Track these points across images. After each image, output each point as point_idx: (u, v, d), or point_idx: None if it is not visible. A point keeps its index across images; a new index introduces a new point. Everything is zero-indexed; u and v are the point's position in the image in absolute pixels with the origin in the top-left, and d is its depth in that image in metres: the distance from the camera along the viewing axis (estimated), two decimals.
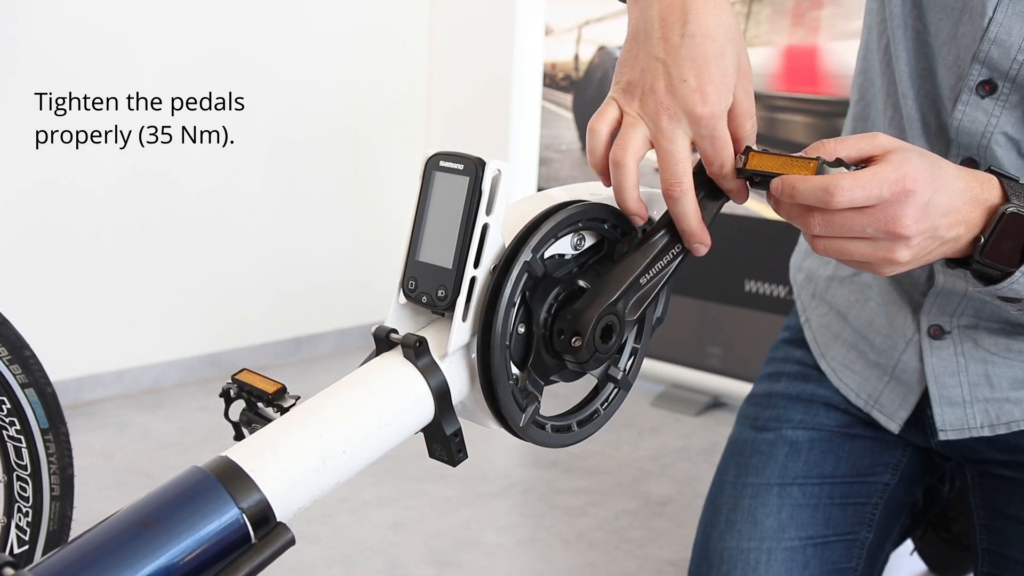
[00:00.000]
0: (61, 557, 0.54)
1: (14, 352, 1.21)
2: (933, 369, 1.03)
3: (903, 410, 1.07)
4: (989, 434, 1.02)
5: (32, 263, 2.57)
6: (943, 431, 1.03)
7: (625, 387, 0.76)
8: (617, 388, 0.75)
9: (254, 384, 0.69)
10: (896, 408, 1.07)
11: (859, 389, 1.11)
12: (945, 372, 1.02)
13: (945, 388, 1.03)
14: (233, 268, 3.04)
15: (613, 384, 0.75)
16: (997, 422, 1.01)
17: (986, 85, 0.89)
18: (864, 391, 1.10)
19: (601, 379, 0.75)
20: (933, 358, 1.03)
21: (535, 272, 0.68)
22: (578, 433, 0.74)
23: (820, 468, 1.11)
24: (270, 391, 0.68)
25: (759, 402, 1.18)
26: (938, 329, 1.02)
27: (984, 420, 1.01)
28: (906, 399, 1.06)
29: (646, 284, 0.71)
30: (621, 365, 0.76)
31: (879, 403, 1.09)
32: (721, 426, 2.72)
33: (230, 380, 0.70)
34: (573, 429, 0.73)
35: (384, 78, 3.39)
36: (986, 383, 1.01)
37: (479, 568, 1.90)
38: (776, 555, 1.07)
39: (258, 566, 0.58)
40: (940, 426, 1.03)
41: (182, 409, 2.73)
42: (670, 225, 0.72)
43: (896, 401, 1.07)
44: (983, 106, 0.90)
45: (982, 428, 1.02)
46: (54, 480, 1.26)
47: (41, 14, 2.50)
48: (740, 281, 2.75)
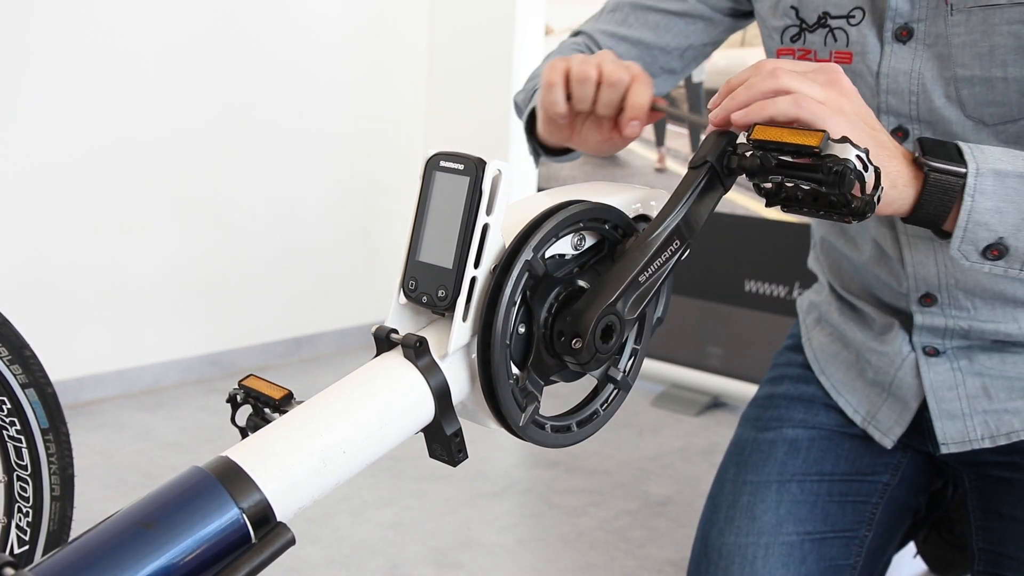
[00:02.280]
0: (61, 557, 0.54)
1: (14, 352, 1.21)
2: (931, 384, 1.05)
3: (898, 427, 1.09)
4: (990, 445, 1.04)
5: (32, 263, 2.57)
6: (945, 444, 1.05)
7: (625, 388, 0.76)
8: (617, 389, 0.75)
9: (261, 390, 0.69)
10: (891, 425, 1.10)
11: (857, 406, 1.13)
12: (943, 386, 1.05)
13: (944, 402, 1.05)
14: (233, 268, 3.04)
15: (613, 385, 0.75)
16: (997, 433, 1.03)
17: (899, 132, 0.96)
18: (863, 408, 1.13)
19: (601, 380, 0.75)
20: (931, 373, 1.05)
21: (536, 271, 0.68)
22: (577, 433, 0.74)
23: (819, 465, 1.12)
24: (277, 397, 0.68)
25: (761, 404, 1.20)
26: (933, 349, 1.05)
27: (984, 432, 1.04)
28: (902, 416, 1.09)
29: (645, 282, 0.71)
30: (621, 366, 0.76)
31: (876, 419, 1.11)
32: (721, 426, 2.72)
33: (237, 386, 0.70)
34: (572, 429, 0.73)
35: (384, 78, 3.40)
36: (984, 395, 1.03)
37: (479, 568, 1.90)
38: (773, 549, 1.08)
39: (258, 566, 0.57)
40: (942, 440, 1.05)
41: (182, 409, 2.74)
42: (668, 222, 0.72)
43: (892, 418, 1.10)
44: None
45: (983, 440, 1.04)
46: (54, 480, 1.26)
47: (45, 18, 2.50)
48: (740, 281, 2.75)
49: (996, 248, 0.79)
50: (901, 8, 0.93)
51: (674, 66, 1.15)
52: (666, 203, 0.73)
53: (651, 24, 1.12)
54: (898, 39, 0.94)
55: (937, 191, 0.76)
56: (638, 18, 1.12)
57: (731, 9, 1.12)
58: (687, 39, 1.13)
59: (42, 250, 2.59)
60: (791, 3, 1.01)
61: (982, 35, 0.89)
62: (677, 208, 0.72)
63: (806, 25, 1.00)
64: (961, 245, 0.79)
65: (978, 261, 0.80)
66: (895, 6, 0.93)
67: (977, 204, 0.77)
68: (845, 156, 0.68)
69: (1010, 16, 0.87)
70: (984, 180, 0.77)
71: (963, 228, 0.78)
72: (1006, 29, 0.88)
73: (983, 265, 0.80)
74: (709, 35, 1.14)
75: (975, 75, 0.91)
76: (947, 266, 1.01)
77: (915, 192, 0.77)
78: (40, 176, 2.56)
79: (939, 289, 1.02)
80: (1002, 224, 0.77)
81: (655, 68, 1.14)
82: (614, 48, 1.12)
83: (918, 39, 0.93)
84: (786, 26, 1.02)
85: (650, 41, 1.12)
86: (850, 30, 0.97)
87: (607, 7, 1.16)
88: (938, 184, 0.76)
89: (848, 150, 0.68)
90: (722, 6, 1.12)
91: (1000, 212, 0.77)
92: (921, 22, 0.93)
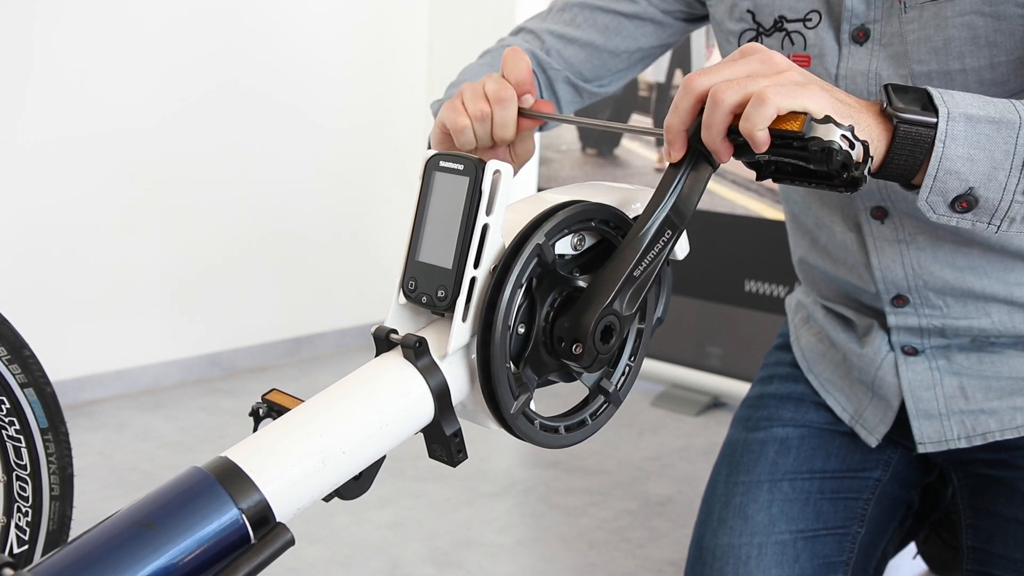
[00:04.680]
0: (61, 557, 0.54)
1: (14, 352, 1.21)
2: (909, 383, 1.06)
3: (883, 425, 1.10)
4: (966, 445, 1.04)
5: (32, 263, 2.57)
6: (922, 444, 1.07)
7: (615, 403, 0.75)
8: (607, 403, 0.75)
9: (284, 404, 0.68)
10: (876, 423, 1.11)
11: (846, 404, 1.14)
12: (920, 386, 1.06)
13: (921, 402, 1.06)
14: (233, 268, 3.04)
15: (604, 397, 0.75)
16: (973, 433, 1.04)
17: None
18: (850, 406, 1.14)
19: (593, 390, 0.75)
20: (908, 373, 1.06)
21: (546, 258, 0.68)
22: (565, 437, 0.73)
23: (810, 463, 1.13)
24: None
25: (752, 404, 1.21)
26: (912, 348, 1.06)
27: (960, 432, 1.04)
28: (886, 415, 1.10)
29: (640, 276, 0.71)
30: (614, 379, 0.75)
31: (863, 418, 1.12)
32: (721, 426, 2.72)
33: (260, 400, 0.70)
34: (560, 432, 0.73)
35: (384, 78, 3.40)
36: (961, 395, 1.04)
37: (479, 568, 1.90)
38: (767, 549, 1.08)
39: (258, 566, 0.58)
40: (919, 439, 1.07)
41: (182, 409, 2.73)
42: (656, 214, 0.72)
43: (877, 416, 1.11)
44: None
45: (959, 440, 1.05)
46: (54, 480, 1.25)
47: (45, 18, 2.50)
48: (740, 281, 2.75)
49: (965, 199, 0.76)
50: (857, 9, 0.93)
51: (621, 68, 1.13)
52: (653, 194, 0.73)
53: (600, 26, 1.10)
54: (855, 40, 0.94)
55: (908, 143, 0.73)
56: (587, 19, 1.10)
57: (684, 13, 1.11)
58: (636, 42, 1.11)
59: (42, 250, 2.59)
60: (747, 7, 1.01)
61: (936, 29, 0.89)
62: (664, 199, 0.72)
63: (763, 29, 1.00)
64: (929, 196, 0.76)
65: (945, 213, 0.77)
66: (851, 7, 0.93)
67: (948, 150, 0.74)
68: (830, 138, 0.67)
69: (961, 8, 0.87)
70: (955, 125, 0.74)
71: (932, 177, 0.74)
72: (959, 21, 0.88)
73: (951, 218, 0.77)
74: (659, 38, 1.12)
75: (932, 70, 0.90)
76: (914, 268, 1.01)
77: (884, 146, 0.74)
78: (40, 176, 2.56)
79: (909, 290, 1.03)
80: (973, 173, 0.74)
81: (603, 71, 1.12)
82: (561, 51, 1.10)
83: (874, 39, 0.93)
84: (743, 30, 1.02)
85: (599, 44, 1.10)
86: (807, 33, 0.97)
87: (555, 5, 1.13)
88: (908, 136, 0.73)
89: (832, 131, 0.67)
90: (674, 10, 1.10)
91: (971, 160, 0.74)
92: (877, 22, 0.93)
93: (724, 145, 0.71)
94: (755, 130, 0.68)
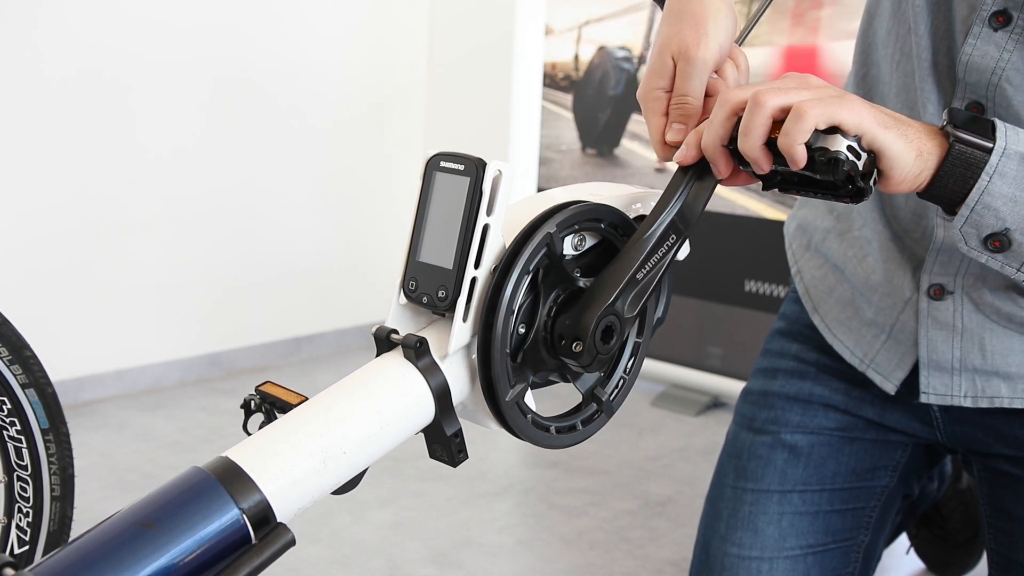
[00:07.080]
0: (61, 557, 0.54)
1: (14, 352, 1.21)
2: (927, 331, 0.99)
3: (900, 370, 1.03)
4: (971, 405, 0.99)
5: (32, 263, 2.57)
6: (925, 394, 1.00)
7: (608, 412, 0.75)
8: (599, 411, 0.75)
9: (277, 396, 0.68)
10: (893, 368, 1.04)
11: (854, 347, 1.07)
12: (939, 336, 0.99)
13: (936, 352, 0.99)
14: (233, 268, 3.04)
15: (596, 405, 0.75)
16: (981, 395, 0.98)
17: (1000, 16, 0.84)
18: (859, 349, 1.07)
19: (586, 396, 0.75)
20: (929, 320, 0.99)
21: (555, 249, 0.68)
22: (555, 438, 0.73)
23: (820, 474, 1.10)
24: (294, 403, 0.68)
25: (755, 400, 1.16)
26: (939, 289, 0.98)
27: (968, 390, 0.99)
28: (903, 360, 1.03)
29: (643, 279, 0.71)
30: (608, 389, 0.75)
31: (875, 362, 1.05)
32: (721, 426, 2.71)
33: (253, 391, 0.69)
34: (551, 431, 0.73)
35: (384, 78, 3.39)
36: (979, 351, 0.97)
37: (479, 568, 1.90)
38: (777, 564, 1.07)
39: (258, 567, 0.58)
40: (924, 388, 1.00)
41: (182, 409, 2.73)
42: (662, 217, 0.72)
43: (893, 361, 1.04)
44: (995, 39, 0.85)
45: (964, 398, 0.99)
46: (54, 480, 1.26)
47: (45, 16, 2.50)
48: (740, 281, 2.75)
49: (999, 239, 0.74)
50: None
51: None
52: (660, 197, 0.73)
53: None
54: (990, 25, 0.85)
55: (959, 163, 0.71)
56: None
57: None
58: None
59: (42, 250, 2.59)
60: None
61: None
62: (671, 203, 0.72)
63: None
64: (964, 226, 0.74)
65: (977, 248, 0.75)
66: None
67: (993, 186, 0.71)
68: (836, 148, 0.68)
69: None
70: (1008, 162, 0.71)
71: (970, 207, 0.72)
72: None
73: (981, 254, 0.76)
74: None
75: None
76: None
77: (936, 162, 0.71)
78: (40, 176, 2.56)
79: None
80: (1012, 215, 0.72)
81: None
82: None
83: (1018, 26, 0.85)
84: None
85: None
86: None
87: None
88: (961, 156, 0.71)
89: (838, 141, 0.68)
90: None
91: (1015, 202, 0.72)
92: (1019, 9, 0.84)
93: (762, 152, 0.70)
94: (794, 145, 0.67)
